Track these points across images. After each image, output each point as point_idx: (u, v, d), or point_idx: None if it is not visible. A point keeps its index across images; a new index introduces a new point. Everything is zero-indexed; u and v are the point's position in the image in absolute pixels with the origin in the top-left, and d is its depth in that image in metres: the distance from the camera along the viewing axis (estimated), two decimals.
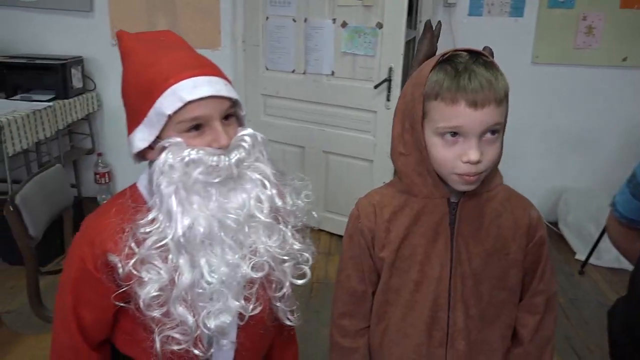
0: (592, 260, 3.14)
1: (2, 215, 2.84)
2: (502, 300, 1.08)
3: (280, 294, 1.01)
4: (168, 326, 0.92)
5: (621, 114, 3.49)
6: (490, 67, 0.94)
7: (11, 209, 1.59)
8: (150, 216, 0.92)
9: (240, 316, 0.97)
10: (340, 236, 3.44)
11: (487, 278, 1.06)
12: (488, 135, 0.94)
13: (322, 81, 3.22)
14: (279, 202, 1.00)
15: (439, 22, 1.20)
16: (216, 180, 0.93)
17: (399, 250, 1.06)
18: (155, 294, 0.90)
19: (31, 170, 3.35)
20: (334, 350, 1.17)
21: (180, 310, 0.91)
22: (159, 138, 0.95)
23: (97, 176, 3.80)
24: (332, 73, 3.19)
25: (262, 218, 0.96)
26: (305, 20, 3.19)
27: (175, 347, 0.92)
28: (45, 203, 1.77)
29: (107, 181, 3.83)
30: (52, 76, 3.27)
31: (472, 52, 0.96)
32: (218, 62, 1.02)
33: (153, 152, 0.96)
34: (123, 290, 0.92)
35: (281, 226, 1.00)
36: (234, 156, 0.94)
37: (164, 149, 0.93)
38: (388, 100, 3.01)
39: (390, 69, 2.96)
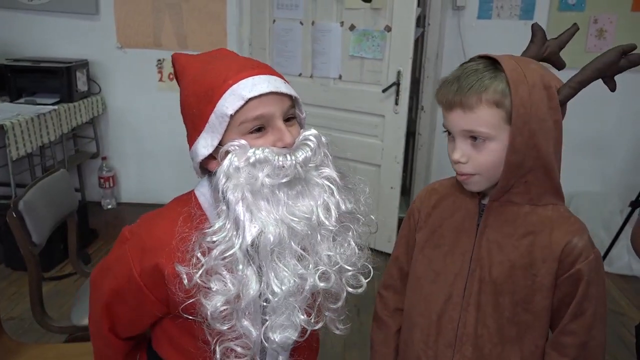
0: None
1: (5, 220, 2.82)
2: (525, 322, 1.02)
3: (336, 305, 0.98)
4: (229, 337, 0.89)
5: (633, 119, 3.45)
6: (482, 73, 0.94)
7: (14, 215, 1.55)
8: (218, 225, 0.88)
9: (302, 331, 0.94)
10: None
11: (508, 292, 1.01)
12: (471, 140, 0.97)
13: (330, 85, 3.19)
14: (343, 207, 0.95)
15: (537, 24, 1.17)
16: (283, 181, 0.88)
17: (430, 236, 1.11)
18: (222, 307, 0.86)
19: (35, 174, 3.33)
20: (375, 320, 1.24)
21: (245, 323, 0.88)
22: (221, 145, 0.91)
23: (102, 180, 3.77)
24: (340, 77, 3.15)
25: (330, 226, 0.92)
26: (313, 23, 3.15)
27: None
28: (49, 209, 1.74)
29: (111, 185, 3.80)
30: (57, 79, 3.24)
31: (489, 59, 0.98)
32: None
33: (215, 162, 0.92)
34: (172, 303, 0.90)
35: (347, 233, 0.97)
36: (301, 155, 0.90)
37: (227, 153, 0.90)
38: (396, 104, 2.97)
39: (399, 73, 2.92)
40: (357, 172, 1.02)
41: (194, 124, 0.94)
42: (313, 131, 0.95)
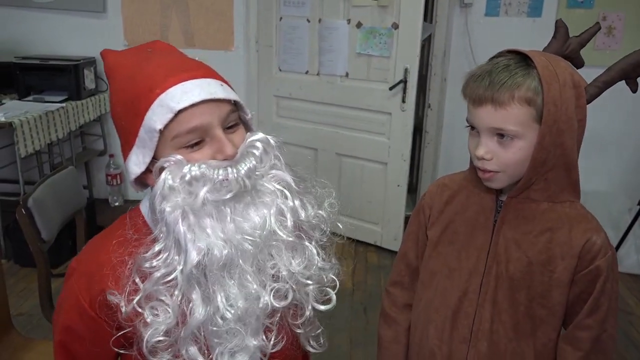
0: None
1: (14, 217, 2.83)
2: (540, 317, 1.03)
3: (300, 321, 0.90)
4: None
5: None
6: (515, 70, 0.93)
7: (23, 212, 1.56)
8: (157, 248, 0.80)
9: (262, 352, 0.86)
10: (354, 240, 3.41)
11: (525, 288, 1.01)
12: (498, 137, 0.95)
13: (336, 82, 3.18)
14: (302, 215, 0.87)
15: (562, 20, 1.17)
16: (227, 197, 0.80)
17: (443, 233, 1.10)
18: (160, 338, 0.78)
19: (43, 171, 3.34)
20: (382, 316, 1.24)
21: (192, 351, 0.80)
22: (155, 159, 0.82)
23: (109, 178, 3.78)
24: (347, 74, 3.15)
25: (285, 237, 0.84)
26: (320, 20, 3.15)
27: None
28: (58, 206, 1.75)
29: (118, 183, 3.81)
30: (65, 77, 3.26)
31: (519, 54, 0.97)
32: (231, 63, 0.95)
33: (152, 177, 0.84)
34: (124, 334, 0.81)
35: (306, 243, 0.88)
36: (244, 166, 0.81)
37: (162, 169, 0.80)
38: (403, 101, 2.97)
39: (406, 70, 2.91)
40: (363, 169, 0.99)
41: (124, 138, 0.85)
42: (259, 135, 0.86)
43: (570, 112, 0.93)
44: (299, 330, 0.91)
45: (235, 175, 0.80)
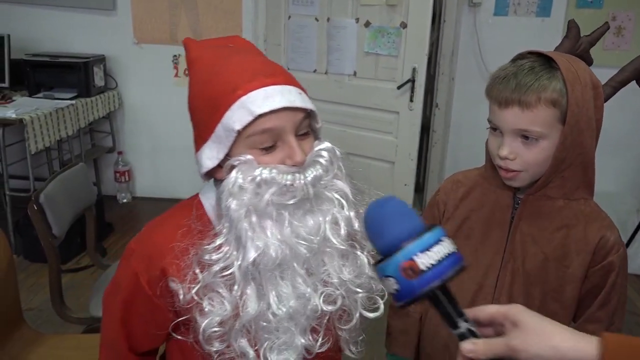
0: None
1: (24, 213, 2.86)
2: (553, 311, 1.05)
3: (348, 326, 0.92)
4: (227, 356, 0.85)
5: None
6: (540, 72, 0.95)
7: (35, 207, 1.58)
8: (218, 241, 0.83)
9: (307, 351, 0.89)
10: None
11: (540, 283, 1.04)
12: (522, 138, 0.97)
13: (344, 81, 3.19)
14: (356, 225, 0.88)
15: (574, 20, 1.21)
16: (291, 202, 0.82)
17: (459, 229, 1.12)
18: (216, 328, 0.83)
19: (53, 168, 3.37)
20: (391, 307, 1.23)
21: (243, 343, 0.84)
22: (228, 155, 0.86)
23: (117, 174, 3.81)
24: (355, 73, 3.15)
25: (337, 244, 0.86)
26: (328, 19, 3.16)
27: None
28: (69, 202, 1.77)
29: (126, 180, 3.84)
30: (75, 74, 3.29)
31: (541, 56, 0.98)
32: None
33: (222, 171, 0.87)
34: (179, 318, 0.86)
35: (358, 252, 0.89)
36: (310, 174, 0.83)
37: (233, 167, 0.84)
38: (411, 101, 2.97)
39: (414, 70, 2.91)
40: (370, 168, 0.99)
41: (200, 131, 0.89)
42: (327, 144, 0.89)
43: (590, 112, 0.96)
44: (342, 333, 0.93)
45: (302, 182, 0.82)
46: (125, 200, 3.87)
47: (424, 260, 0.60)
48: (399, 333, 1.24)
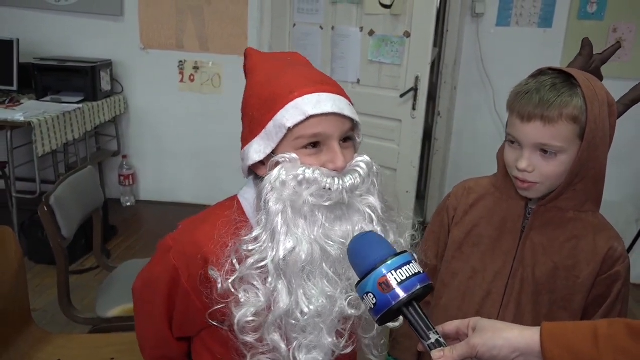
0: None
1: (29, 214, 2.89)
2: (560, 319, 1.07)
3: (369, 335, 0.96)
4: (260, 351, 0.89)
5: None
6: (562, 89, 0.98)
7: (45, 209, 1.61)
8: (255, 233, 0.88)
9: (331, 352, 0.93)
10: None
11: (549, 292, 1.07)
12: (541, 152, 1.00)
13: (348, 89, 3.21)
14: None
15: (588, 38, 1.28)
16: (326, 204, 0.87)
17: (468, 235, 1.14)
18: (250, 318, 0.87)
19: (59, 171, 3.41)
20: None
21: (275, 337, 0.88)
22: (273, 153, 0.90)
23: (122, 178, 3.85)
24: (358, 81, 3.19)
25: None
26: (333, 28, 3.20)
27: None
28: (78, 204, 1.80)
29: (131, 183, 3.87)
30: (82, 79, 3.33)
31: (561, 72, 1.02)
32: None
33: (264, 168, 0.92)
34: (215, 310, 0.90)
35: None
36: (349, 181, 0.88)
37: (277, 164, 0.88)
38: (414, 109, 3.00)
39: (417, 78, 2.95)
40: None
41: (251, 127, 0.94)
42: (365, 158, 0.93)
43: (606, 129, 1.00)
44: (366, 341, 0.97)
45: (340, 186, 0.87)
46: (129, 204, 3.90)
47: (395, 277, 0.70)
48: (402, 337, 1.26)
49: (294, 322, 0.87)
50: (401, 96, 3.00)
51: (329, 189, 0.87)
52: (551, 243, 1.07)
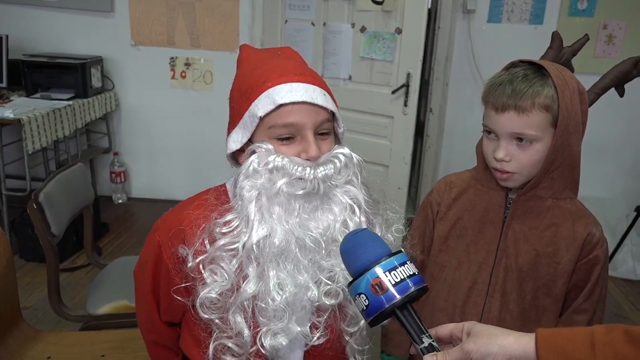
0: None
1: (20, 212, 2.87)
2: (544, 306, 1.11)
3: (353, 329, 0.96)
4: (225, 335, 0.90)
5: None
6: (533, 79, 1.01)
7: (34, 206, 1.60)
8: (228, 217, 0.90)
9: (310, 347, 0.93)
10: None
11: (532, 278, 1.10)
12: (517, 141, 1.03)
13: (340, 85, 3.23)
14: None
15: (557, 32, 1.32)
16: (299, 192, 0.88)
17: (452, 228, 1.17)
18: (213, 296, 0.88)
19: (49, 168, 3.39)
20: None
21: (239, 319, 0.89)
22: (251, 142, 0.93)
23: (113, 175, 3.83)
24: (350, 77, 3.19)
25: None
26: (324, 24, 3.20)
27: (229, 359, 0.90)
28: (68, 201, 1.79)
29: (122, 180, 3.86)
30: (72, 75, 3.30)
31: (532, 64, 1.05)
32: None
33: (244, 156, 0.94)
34: (188, 288, 0.91)
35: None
36: (322, 171, 0.88)
37: (252, 153, 0.91)
38: (405, 105, 3.01)
39: (409, 75, 2.95)
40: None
41: (232, 118, 0.97)
42: (345, 149, 0.93)
43: (577, 117, 1.03)
44: (348, 338, 0.97)
45: (312, 175, 0.88)
46: (120, 201, 3.89)
47: (389, 279, 0.68)
48: (393, 333, 1.28)
49: (263, 305, 0.87)
50: (393, 92, 3.01)
51: (301, 177, 0.87)
52: (532, 231, 1.10)
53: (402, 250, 0.73)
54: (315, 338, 0.92)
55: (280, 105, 0.88)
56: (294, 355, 0.96)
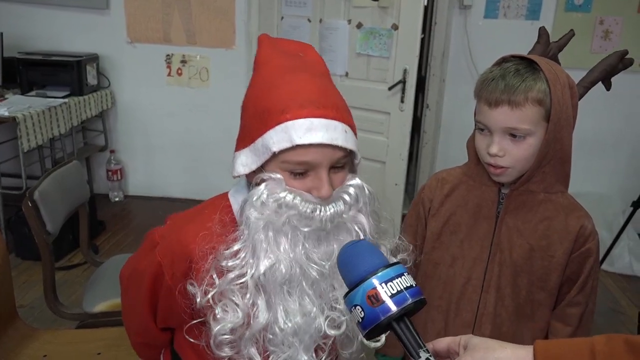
0: (604, 267, 3.12)
1: (16, 210, 2.86)
2: (539, 300, 1.11)
3: (349, 351, 0.95)
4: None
5: (636, 120, 3.47)
6: (525, 74, 1.01)
7: (29, 204, 1.59)
8: (235, 247, 0.86)
9: None
10: None
11: (526, 272, 1.10)
12: (510, 136, 1.03)
13: (336, 82, 3.20)
14: None
15: (544, 27, 1.35)
16: (306, 230, 0.85)
17: (445, 224, 1.17)
18: (227, 336, 0.86)
19: (45, 166, 3.38)
20: None
21: (252, 351, 0.87)
22: (262, 167, 0.88)
23: (109, 173, 3.82)
24: (346, 74, 3.18)
25: None
26: (320, 20, 3.19)
27: None
28: (63, 199, 1.78)
29: (119, 178, 3.85)
30: (68, 73, 3.29)
31: (522, 59, 1.05)
32: (232, 61, 0.98)
33: (253, 174, 0.89)
34: (195, 309, 0.89)
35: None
36: (331, 209, 0.85)
37: (262, 180, 0.86)
38: (402, 102, 3.00)
39: (405, 71, 2.95)
40: (361, 168, 1.00)
41: (243, 134, 0.91)
42: (357, 181, 0.90)
43: (569, 110, 1.03)
44: (345, 355, 0.96)
45: (321, 215, 0.85)
46: (117, 199, 3.88)
47: (386, 290, 0.66)
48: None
49: (271, 336, 0.87)
50: (389, 89, 3.00)
51: (311, 215, 0.84)
52: (525, 225, 1.10)
53: (400, 262, 0.71)
54: None
55: (297, 145, 0.82)
56: None
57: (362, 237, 0.89)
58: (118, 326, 1.66)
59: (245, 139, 0.90)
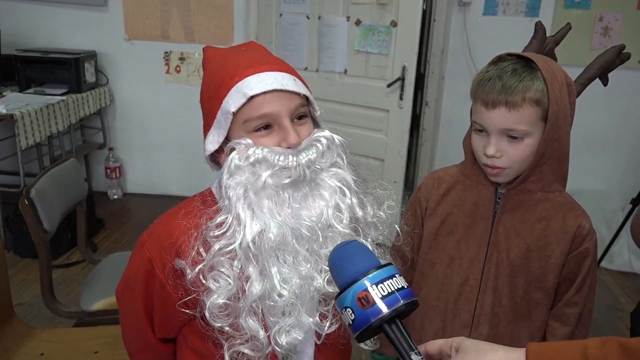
0: (603, 264, 3.12)
1: (13, 208, 2.86)
2: (536, 300, 1.11)
3: None
4: (238, 341, 0.86)
5: (635, 117, 3.45)
6: (522, 74, 0.99)
7: (26, 202, 1.59)
8: (219, 219, 0.86)
9: (317, 334, 0.91)
10: None
11: (524, 272, 1.09)
12: (508, 137, 1.02)
13: (335, 79, 3.21)
14: (359, 212, 0.91)
15: (541, 22, 1.33)
16: (286, 181, 0.85)
17: (442, 224, 1.16)
18: (222, 301, 0.84)
19: (43, 163, 3.37)
20: None
21: (251, 323, 0.85)
22: (227, 140, 0.90)
23: (108, 171, 3.81)
24: (345, 71, 3.17)
25: (341, 229, 0.88)
26: (319, 17, 3.18)
27: None
28: (60, 197, 1.78)
29: (117, 176, 3.84)
30: (66, 70, 3.28)
31: (519, 57, 1.03)
32: None
33: (224, 156, 0.91)
34: (190, 299, 0.87)
35: (361, 239, 0.90)
36: (304, 156, 0.86)
37: (232, 150, 0.88)
38: (401, 99, 3.00)
39: (404, 68, 2.94)
40: (360, 165, 0.99)
41: (206, 120, 0.94)
42: (325, 132, 0.91)
43: (566, 109, 1.02)
44: None
45: (295, 163, 0.86)
46: (116, 197, 3.87)
47: (377, 292, 0.65)
48: None
49: (272, 303, 0.85)
50: (388, 86, 2.99)
51: (285, 166, 0.85)
52: (522, 225, 1.09)
53: (391, 263, 0.70)
54: (326, 327, 0.89)
55: (252, 97, 0.85)
56: (306, 351, 0.94)
57: (346, 191, 0.90)
58: (116, 324, 1.65)
59: (207, 122, 0.93)
